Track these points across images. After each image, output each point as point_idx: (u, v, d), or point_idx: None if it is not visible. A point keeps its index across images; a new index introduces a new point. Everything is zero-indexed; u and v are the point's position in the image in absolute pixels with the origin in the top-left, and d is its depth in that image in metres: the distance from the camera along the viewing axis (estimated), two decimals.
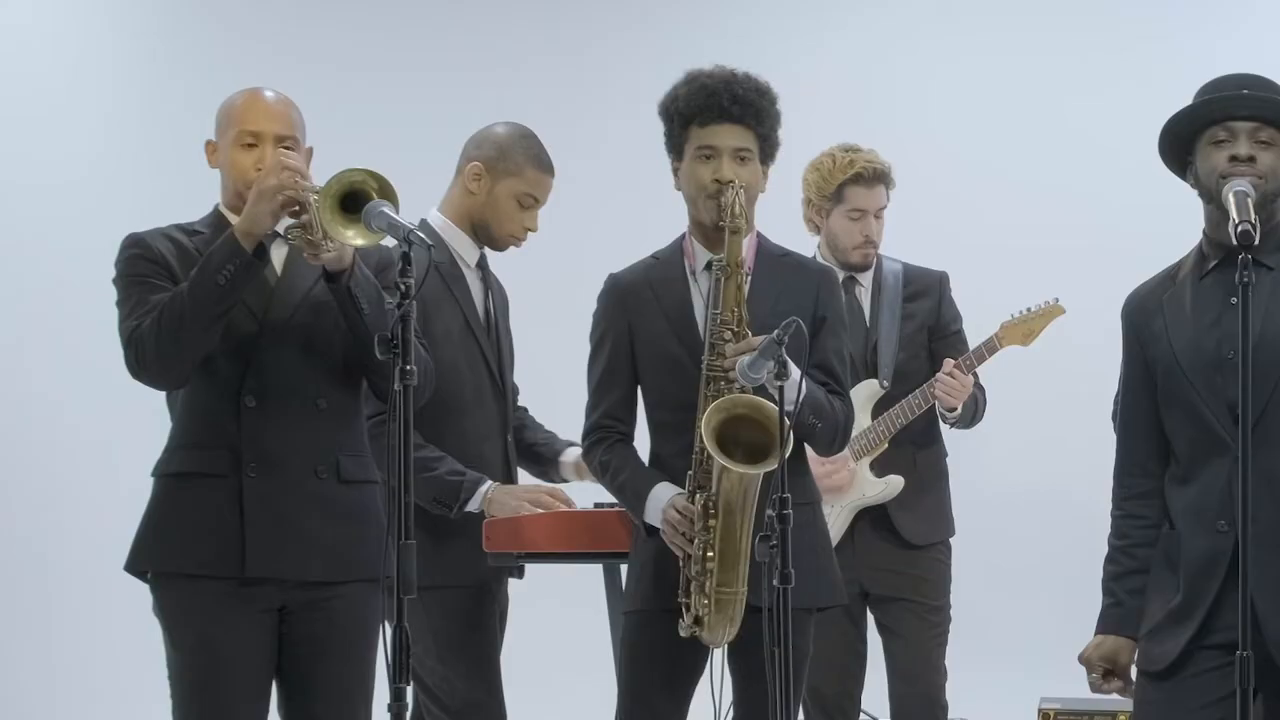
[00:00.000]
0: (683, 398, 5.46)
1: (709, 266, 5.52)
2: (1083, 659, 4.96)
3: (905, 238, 7.43)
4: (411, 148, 7.67)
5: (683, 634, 5.36)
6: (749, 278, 5.48)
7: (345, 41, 9.73)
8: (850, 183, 7.03)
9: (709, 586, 5.32)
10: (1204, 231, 4.88)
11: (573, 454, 6.17)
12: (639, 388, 5.64)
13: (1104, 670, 4.96)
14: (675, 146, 5.57)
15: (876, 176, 7.05)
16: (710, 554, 5.32)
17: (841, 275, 6.94)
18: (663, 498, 5.41)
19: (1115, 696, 5.36)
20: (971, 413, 7.13)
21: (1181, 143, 4.87)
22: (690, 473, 5.39)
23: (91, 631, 8.55)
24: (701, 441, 5.31)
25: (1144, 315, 4.96)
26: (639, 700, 5.53)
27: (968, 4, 9.68)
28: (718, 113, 5.47)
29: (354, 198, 4.85)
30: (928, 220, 8.23)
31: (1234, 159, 4.71)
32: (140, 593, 5.31)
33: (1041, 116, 9.36)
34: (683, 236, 5.66)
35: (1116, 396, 5.36)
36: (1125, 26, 9.41)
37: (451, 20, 9.86)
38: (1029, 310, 7.10)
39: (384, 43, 9.82)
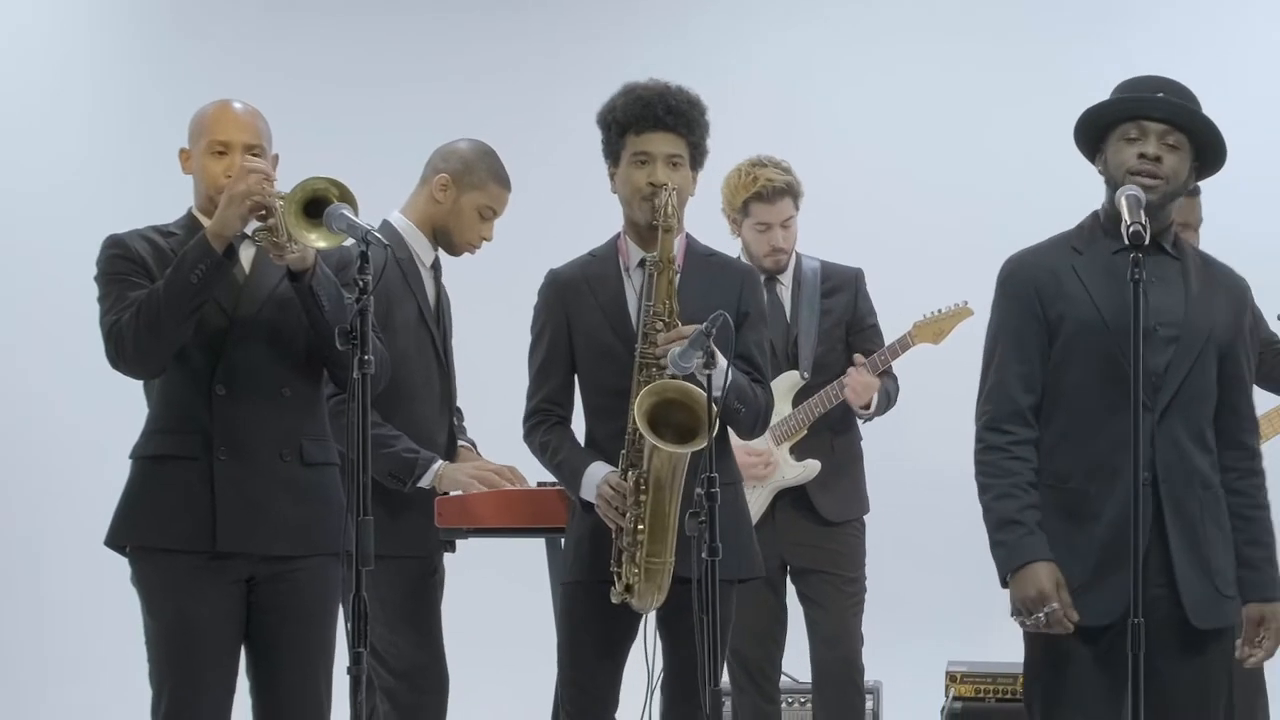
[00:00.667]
0: (617, 384, 5.49)
1: (642, 263, 5.56)
2: (1040, 592, 4.79)
3: (825, 238, 7.47)
4: (371, 155, 7.68)
5: (614, 601, 5.40)
6: (679, 274, 5.51)
7: (311, 56, 9.70)
8: (753, 199, 7.06)
9: (639, 557, 5.37)
10: (1106, 212, 4.94)
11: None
12: (576, 375, 5.65)
13: (1060, 599, 4.82)
14: (612, 153, 5.59)
15: (776, 193, 7.06)
16: (641, 527, 5.37)
17: (763, 275, 7.05)
18: (597, 475, 5.44)
19: (1014, 660, 5.34)
20: (885, 405, 7.15)
21: (1096, 131, 4.91)
22: (623, 452, 5.42)
23: (79, 601, 8.56)
24: (634, 423, 5.35)
25: (1048, 275, 4.94)
26: (577, 665, 5.56)
27: (883, 25, 9.70)
28: (653, 122, 5.51)
29: (316, 203, 4.89)
30: (846, 222, 8.31)
31: (1143, 156, 4.77)
32: (120, 565, 5.33)
33: (951, 128, 9.38)
34: (617, 236, 5.69)
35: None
36: (1027, 46, 9.45)
37: (411, 38, 9.84)
38: (940, 311, 7.15)
39: (347, 57, 9.79)
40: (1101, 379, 4.82)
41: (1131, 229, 4.45)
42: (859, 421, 7.15)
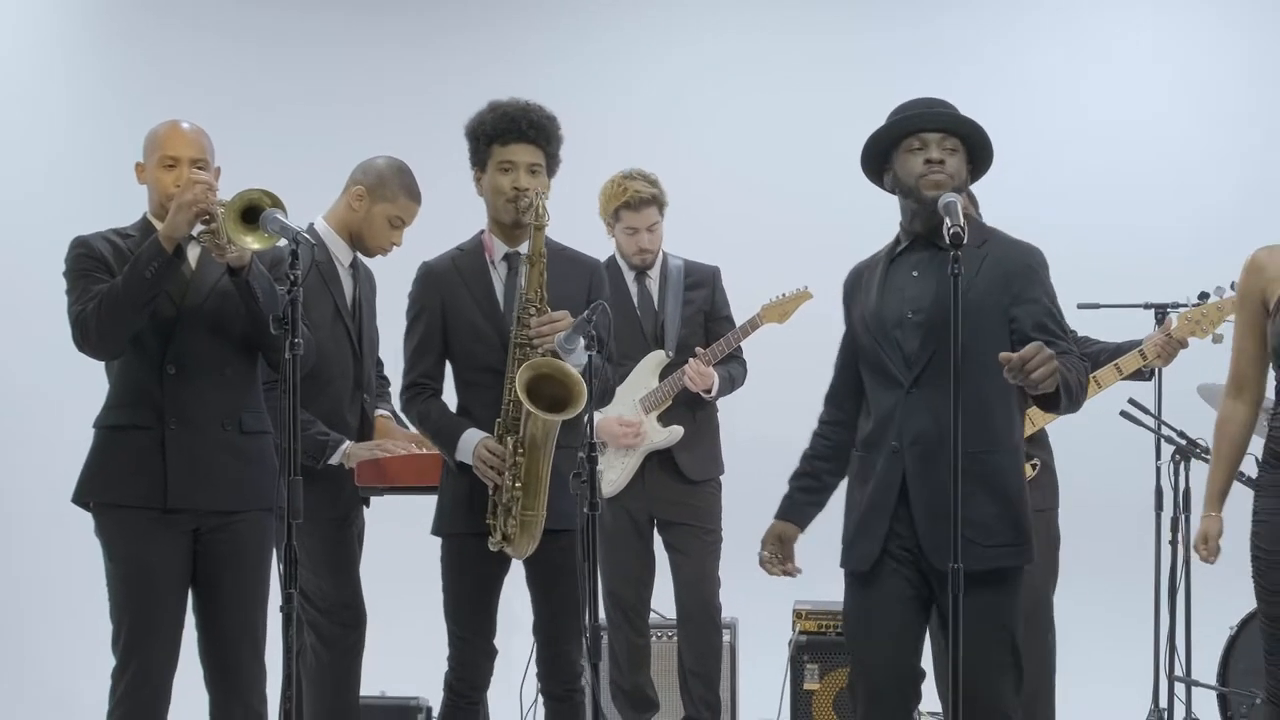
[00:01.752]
0: (486, 362, 5.54)
1: (506, 256, 5.62)
2: (764, 541, 5.18)
3: (689, 238, 7.56)
4: (300, 166, 7.71)
5: (492, 549, 5.45)
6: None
7: (252, 80, 9.74)
8: (622, 207, 7.15)
9: (516, 511, 5.41)
10: (901, 222, 5.03)
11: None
12: (448, 354, 5.65)
13: (771, 550, 5.15)
14: (479, 161, 5.60)
15: (642, 202, 7.12)
16: (518, 484, 5.40)
17: (635, 271, 7.26)
18: (473, 440, 5.45)
19: None
20: (728, 387, 7.25)
21: (881, 151, 4.96)
22: (499, 420, 5.46)
23: (48, 552, 8.52)
24: (511, 395, 5.42)
25: (855, 286, 5.11)
26: (460, 602, 5.57)
27: (743, 56, 9.82)
28: (516, 134, 5.53)
29: (252, 210, 4.96)
30: (707, 224, 8.35)
31: (929, 161, 4.84)
32: (84, 518, 5.39)
33: (795, 144, 9.50)
34: (482, 232, 5.70)
35: None
36: (862, 74, 9.58)
37: (338, 66, 9.88)
38: (784, 295, 7.27)
39: (283, 82, 9.83)
40: (871, 366, 4.98)
41: (952, 231, 4.46)
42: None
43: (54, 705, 8.36)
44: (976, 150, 4.97)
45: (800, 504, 5.17)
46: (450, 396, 5.73)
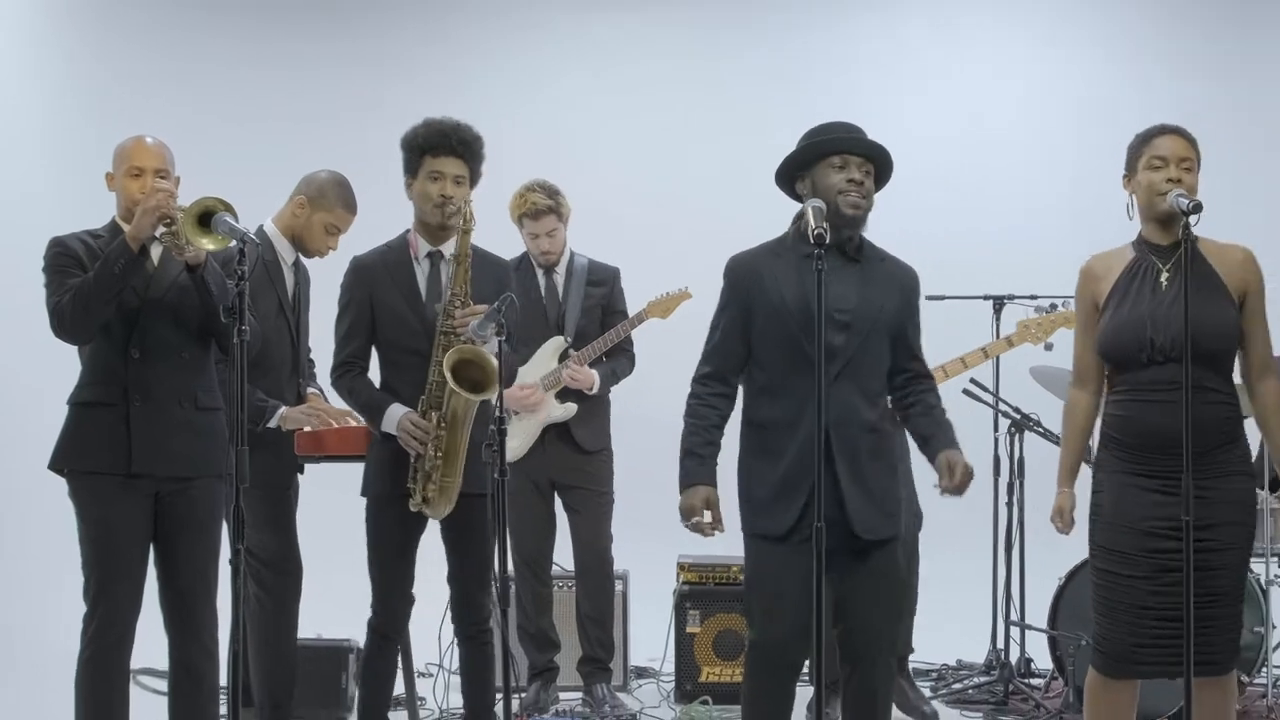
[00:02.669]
0: (409, 345, 5.63)
1: (429, 255, 5.68)
2: (691, 508, 4.97)
3: (593, 240, 7.61)
4: (253, 175, 7.70)
5: (412, 509, 5.54)
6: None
7: (209, 99, 9.79)
8: (525, 216, 7.22)
9: (436, 477, 5.52)
10: (800, 225, 4.97)
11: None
12: (374, 338, 5.70)
13: (706, 512, 4.99)
14: (411, 169, 5.67)
15: (539, 212, 7.16)
16: (439, 454, 5.52)
17: (543, 268, 7.30)
18: (397, 414, 5.54)
19: (734, 553, 5.45)
20: (610, 381, 7.32)
21: (802, 164, 4.98)
22: (423, 397, 5.55)
23: (28, 514, 8.46)
24: (437, 375, 5.51)
25: (751, 275, 5.02)
26: (382, 555, 5.65)
27: (629, 79, 10.01)
28: (447, 149, 5.61)
29: (208, 216, 4.99)
30: (608, 228, 8.36)
31: (851, 180, 4.90)
32: (59, 483, 5.42)
33: (677, 158, 9.64)
34: (408, 231, 5.76)
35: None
36: (727, 97, 9.70)
37: (283, 85, 9.93)
38: (668, 294, 7.33)
39: (234, 99, 9.88)
40: (786, 351, 4.93)
41: (816, 232, 4.47)
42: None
43: (31, 647, 8.31)
44: (881, 171, 5.06)
45: (710, 467, 5.06)
46: (375, 375, 5.78)
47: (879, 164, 5.04)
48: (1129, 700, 4.92)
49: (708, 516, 4.99)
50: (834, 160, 4.95)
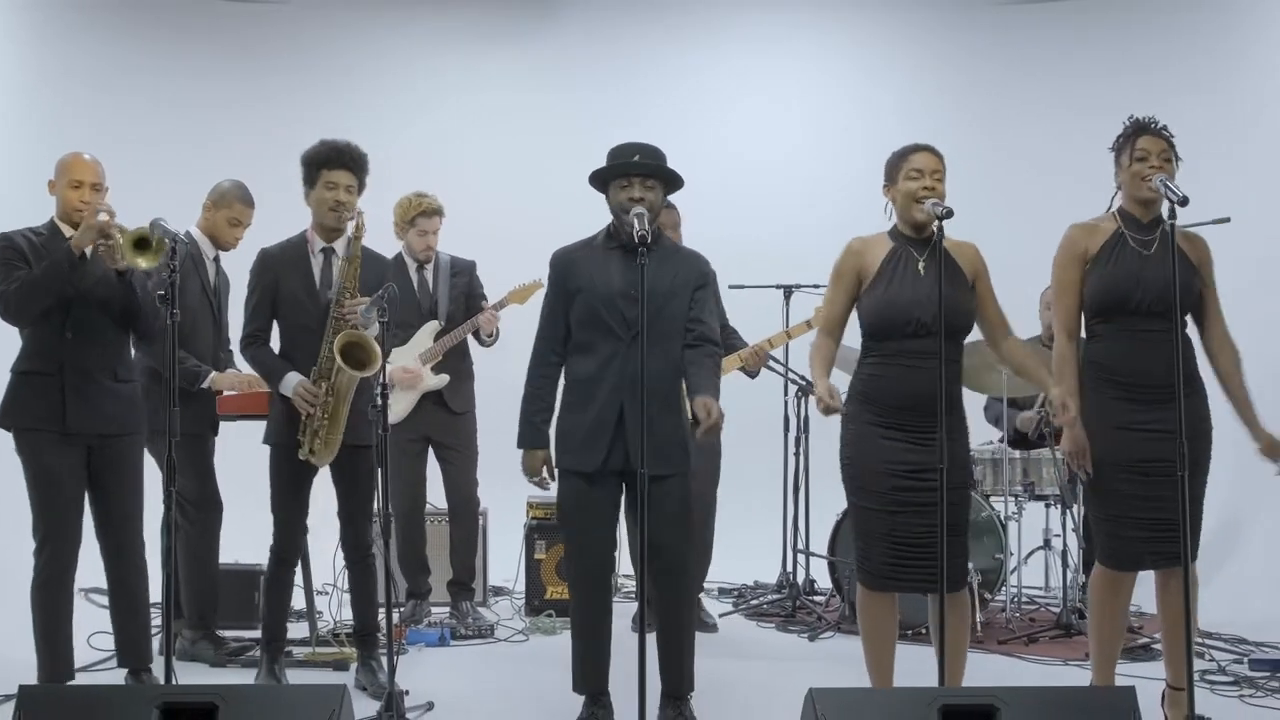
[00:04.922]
0: (304, 324, 5.61)
1: (322, 250, 5.64)
2: (531, 468, 5.01)
3: (462, 239, 7.44)
4: (181, 183, 7.52)
5: (301, 458, 5.57)
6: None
7: (138, 118, 9.51)
8: (419, 215, 7.16)
9: (323, 434, 5.57)
10: (612, 226, 5.00)
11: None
12: (276, 317, 5.64)
13: (548, 472, 5.03)
14: (310, 180, 5.62)
15: (434, 212, 7.16)
16: (325, 416, 5.57)
17: (417, 263, 7.24)
18: (293, 380, 5.55)
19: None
20: (491, 343, 7.19)
21: (601, 182, 4.97)
22: (315, 368, 5.58)
23: None
24: (327, 353, 5.55)
25: (569, 264, 5.04)
26: (281, 493, 5.58)
27: (498, 109, 9.86)
28: (340, 163, 5.58)
29: (142, 241, 5.06)
30: (476, 230, 8.20)
31: (631, 199, 4.86)
32: (7, 439, 5.36)
33: (538, 173, 9.52)
34: (306, 230, 5.70)
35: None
36: (573, 119, 9.64)
37: (204, 103, 9.70)
38: (524, 284, 7.21)
39: (162, 118, 9.61)
40: (591, 325, 4.98)
41: (639, 234, 4.47)
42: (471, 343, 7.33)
43: None
44: (670, 183, 5.02)
45: (545, 432, 5.09)
46: (275, 347, 5.70)
47: (664, 178, 4.99)
48: (890, 611, 4.91)
49: (545, 472, 5.09)
50: (620, 181, 4.96)
